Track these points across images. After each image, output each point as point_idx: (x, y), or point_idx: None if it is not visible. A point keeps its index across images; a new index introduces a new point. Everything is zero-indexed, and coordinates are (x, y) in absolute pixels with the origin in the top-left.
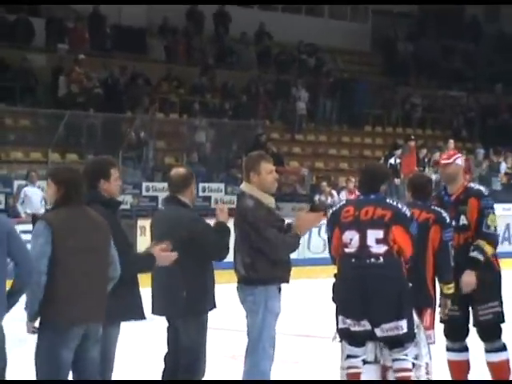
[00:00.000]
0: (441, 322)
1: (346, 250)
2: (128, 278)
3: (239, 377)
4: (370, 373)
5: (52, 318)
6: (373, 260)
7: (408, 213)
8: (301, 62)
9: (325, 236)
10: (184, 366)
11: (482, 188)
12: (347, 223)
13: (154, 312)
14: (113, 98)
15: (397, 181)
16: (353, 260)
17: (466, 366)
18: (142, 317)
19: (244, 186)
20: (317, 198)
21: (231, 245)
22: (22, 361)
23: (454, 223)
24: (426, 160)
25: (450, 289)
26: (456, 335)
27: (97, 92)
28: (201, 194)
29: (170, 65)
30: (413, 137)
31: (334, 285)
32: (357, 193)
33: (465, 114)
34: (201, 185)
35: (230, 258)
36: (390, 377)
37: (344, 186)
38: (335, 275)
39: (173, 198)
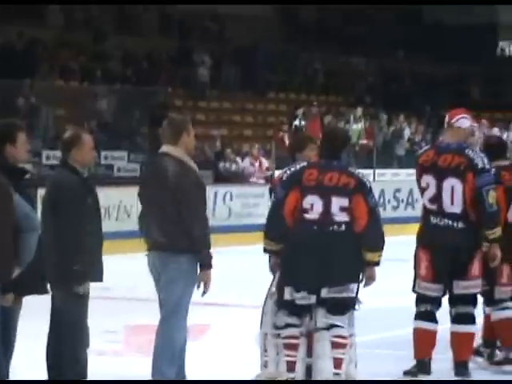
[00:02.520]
0: None
1: (306, 215)
2: None
3: None
4: (305, 346)
5: None
6: (335, 227)
7: (369, 183)
8: (203, 28)
9: (231, 204)
10: None
11: None
12: (309, 187)
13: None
14: (9, 65)
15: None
16: (314, 227)
17: None
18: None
19: (171, 149)
20: (221, 165)
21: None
22: None
23: None
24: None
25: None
26: None
27: None
28: (103, 161)
29: (69, 32)
30: (315, 103)
31: (284, 252)
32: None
33: (366, 80)
34: (102, 153)
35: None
36: (323, 340)
37: (247, 152)
38: (285, 241)
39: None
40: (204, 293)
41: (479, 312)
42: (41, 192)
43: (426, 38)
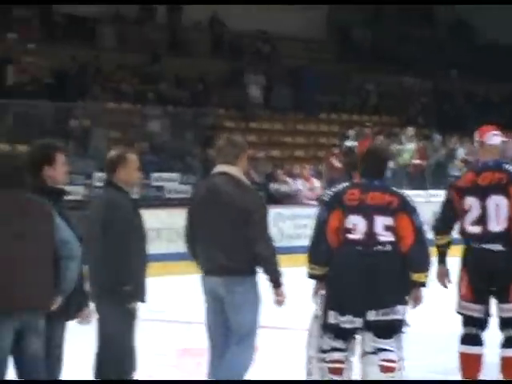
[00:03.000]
0: None
1: (350, 236)
2: None
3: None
4: (351, 370)
5: None
6: (380, 247)
7: (412, 202)
8: (255, 49)
9: (282, 226)
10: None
11: None
12: (352, 207)
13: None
14: (63, 88)
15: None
16: (358, 247)
17: None
18: None
19: (230, 169)
20: (272, 186)
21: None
22: None
23: None
24: None
25: None
26: None
27: (46, 81)
28: (154, 183)
29: (122, 54)
30: (367, 123)
31: (330, 275)
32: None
33: (419, 100)
34: (154, 174)
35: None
36: (371, 364)
37: (298, 173)
38: (330, 264)
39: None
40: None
41: None
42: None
43: (480, 58)
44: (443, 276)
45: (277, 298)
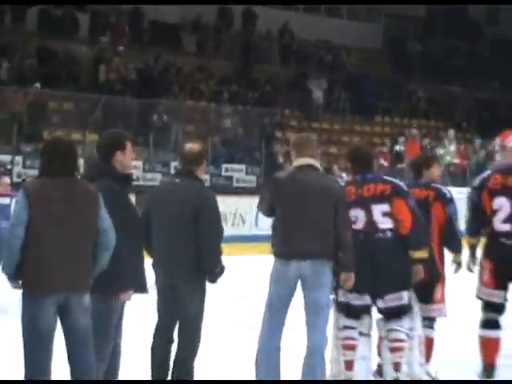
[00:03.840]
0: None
1: (354, 226)
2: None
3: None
4: (363, 344)
5: (26, 285)
6: (381, 235)
7: (405, 187)
8: (319, 57)
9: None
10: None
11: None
12: (351, 202)
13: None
14: (147, 86)
15: (400, 166)
16: (361, 235)
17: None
18: (143, 290)
19: (315, 162)
20: None
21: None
22: (5, 331)
23: None
24: (429, 147)
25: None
26: None
27: (132, 80)
28: (223, 173)
29: (200, 57)
30: (415, 126)
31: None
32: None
33: (464, 107)
34: (223, 165)
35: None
36: (385, 346)
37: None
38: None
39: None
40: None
41: None
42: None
43: None
44: (473, 266)
45: (347, 281)
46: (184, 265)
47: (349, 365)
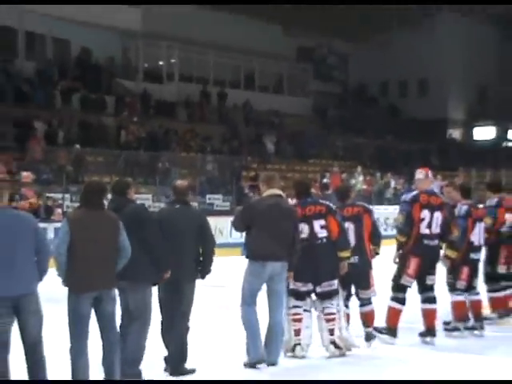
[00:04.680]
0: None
1: (302, 235)
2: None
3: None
4: (307, 318)
5: (70, 286)
6: (319, 241)
7: (334, 207)
8: (270, 121)
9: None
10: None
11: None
12: (300, 218)
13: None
14: (154, 144)
15: (327, 193)
16: (306, 242)
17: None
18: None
19: (280, 192)
20: None
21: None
22: (59, 316)
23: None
24: (345, 179)
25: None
26: None
27: (144, 140)
28: (207, 201)
29: (190, 124)
30: (336, 165)
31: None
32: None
33: (368, 152)
34: (207, 196)
35: None
36: (321, 319)
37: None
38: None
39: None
40: None
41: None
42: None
43: (405, 127)
44: (397, 259)
45: (290, 277)
46: (188, 266)
47: (297, 332)
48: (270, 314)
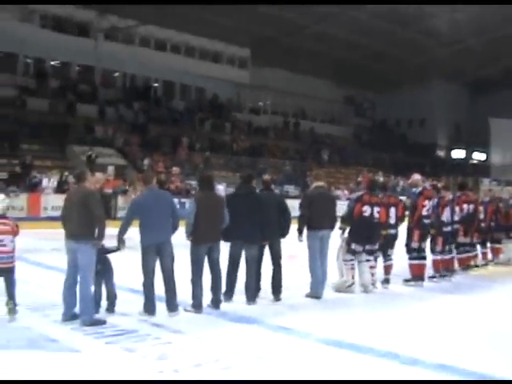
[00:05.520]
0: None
1: (364, 214)
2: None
3: None
4: (361, 267)
5: (193, 239)
6: (375, 220)
7: (384, 200)
8: (321, 144)
9: None
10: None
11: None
12: (367, 203)
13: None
14: (254, 153)
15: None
16: (366, 219)
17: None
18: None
19: (324, 184)
20: None
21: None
22: (183, 258)
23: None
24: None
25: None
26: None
27: (248, 151)
28: (285, 189)
29: (277, 141)
30: (365, 172)
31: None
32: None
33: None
34: (285, 186)
35: None
36: (365, 267)
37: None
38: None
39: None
40: None
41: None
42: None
43: (410, 148)
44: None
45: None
46: (275, 229)
47: (352, 276)
48: (322, 266)
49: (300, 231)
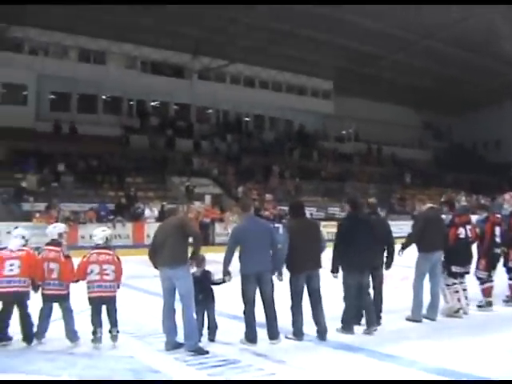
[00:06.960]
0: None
1: (460, 236)
2: None
3: None
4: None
5: (291, 269)
6: (470, 239)
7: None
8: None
9: None
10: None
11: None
12: (459, 224)
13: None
14: (340, 178)
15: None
16: (463, 240)
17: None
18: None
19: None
20: None
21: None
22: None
23: None
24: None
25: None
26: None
27: (335, 176)
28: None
29: (362, 166)
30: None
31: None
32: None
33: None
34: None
35: None
36: (460, 290)
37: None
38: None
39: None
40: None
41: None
42: None
43: (487, 168)
44: None
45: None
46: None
47: (458, 300)
48: (434, 288)
49: (404, 248)
